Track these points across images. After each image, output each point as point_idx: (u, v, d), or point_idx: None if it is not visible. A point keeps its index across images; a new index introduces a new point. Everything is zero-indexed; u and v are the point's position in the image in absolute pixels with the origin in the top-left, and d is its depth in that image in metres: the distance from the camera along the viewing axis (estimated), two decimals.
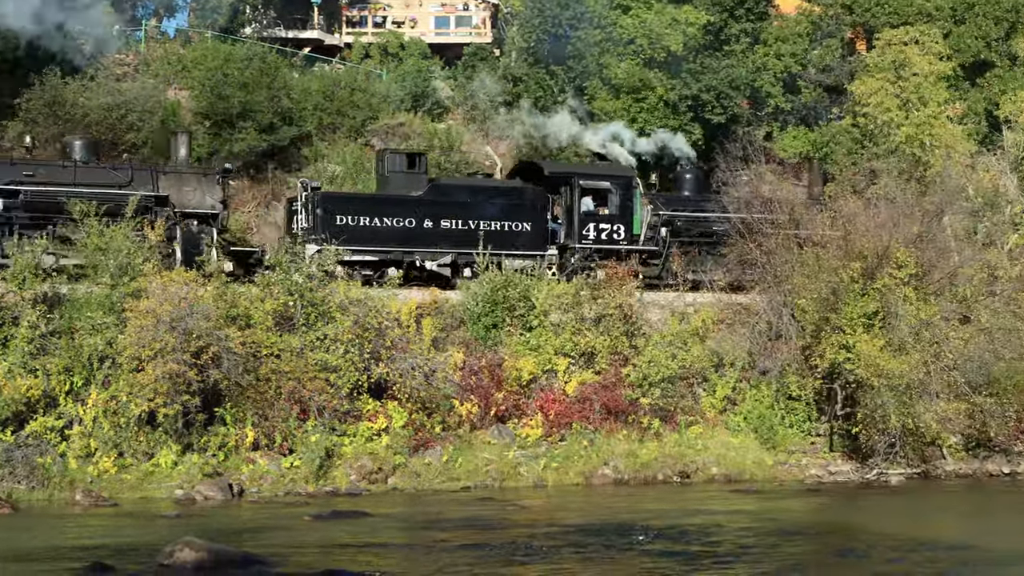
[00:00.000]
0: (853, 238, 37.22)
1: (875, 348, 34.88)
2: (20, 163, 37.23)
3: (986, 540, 25.43)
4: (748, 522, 27.80)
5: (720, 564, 22.20)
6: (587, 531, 25.63)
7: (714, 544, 24.39)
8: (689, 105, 47.49)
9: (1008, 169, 42.48)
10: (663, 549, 23.64)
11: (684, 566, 21.89)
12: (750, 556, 23.11)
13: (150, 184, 37.39)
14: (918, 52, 43.07)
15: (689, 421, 36.31)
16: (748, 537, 25.51)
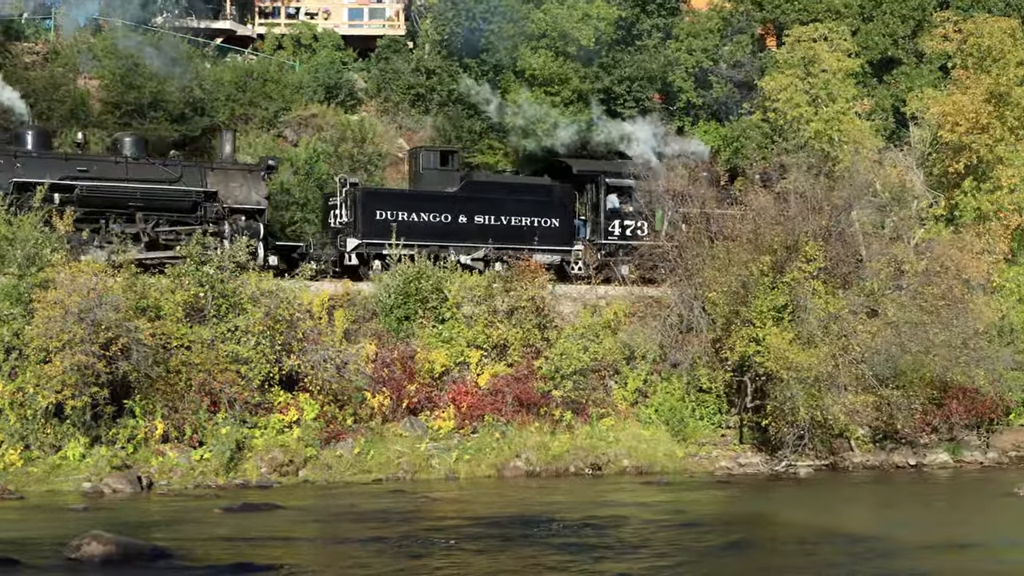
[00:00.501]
0: (763, 232, 37.56)
1: (784, 341, 35.22)
2: (74, 159, 37.65)
3: (891, 531, 25.75)
4: (657, 514, 27.98)
5: (626, 555, 22.31)
6: (498, 523, 25.64)
7: (622, 536, 24.52)
8: (601, 99, 47.66)
9: (914, 165, 42.98)
10: (571, 541, 23.71)
11: (591, 558, 21.98)
12: (656, 548, 23.25)
13: (199, 180, 38.59)
14: (827, 49, 43.48)
15: (601, 413, 36.47)
16: (656, 529, 25.68)
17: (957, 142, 41.69)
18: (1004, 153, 41.81)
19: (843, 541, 24.35)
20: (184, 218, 38.09)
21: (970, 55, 43.59)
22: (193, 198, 37.96)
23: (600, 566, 21.19)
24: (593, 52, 47.52)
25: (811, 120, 42.30)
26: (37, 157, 37.08)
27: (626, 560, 21.81)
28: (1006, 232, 41.87)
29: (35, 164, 36.62)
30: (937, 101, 42.95)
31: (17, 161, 36.62)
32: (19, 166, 36.43)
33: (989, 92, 41.85)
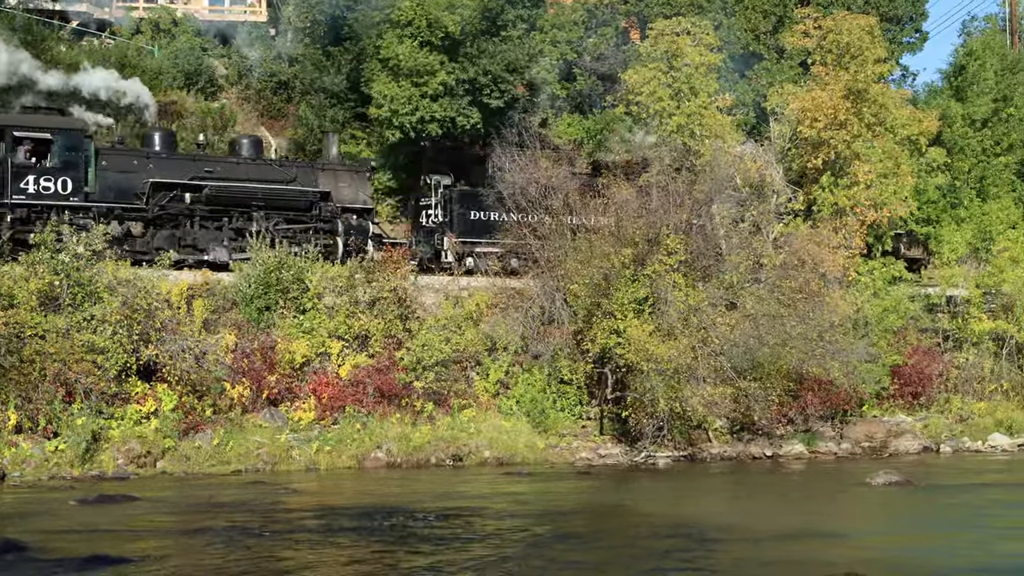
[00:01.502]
0: (625, 225, 37.81)
1: (644, 333, 35.50)
2: (200, 159, 39.92)
3: (747, 521, 26.08)
4: (516, 505, 28.04)
5: (479, 546, 22.34)
6: (356, 515, 25.54)
7: (478, 527, 24.52)
8: (467, 89, 47.63)
9: (774, 160, 43.53)
10: (427, 532, 23.70)
11: (445, 548, 21.97)
12: (510, 538, 23.29)
13: (312, 180, 40.94)
14: (690, 43, 43.84)
15: (462, 404, 36.50)
16: (512, 520, 25.71)
17: (816, 138, 42.30)
18: (861, 149, 42.50)
19: (699, 531, 24.57)
20: (300, 217, 40.48)
21: (829, 52, 44.23)
22: (309, 198, 40.40)
23: (451, 556, 21.19)
24: (459, 41, 47.43)
25: (673, 114, 42.64)
26: (167, 158, 39.24)
27: (478, 550, 21.85)
28: (862, 227, 42.58)
29: (167, 165, 38.92)
30: (797, 97, 43.53)
31: (150, 162, 38.73)
32: (152, 167, 38.57)
33: (847, 89, 42.51)
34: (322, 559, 20.82)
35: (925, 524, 26.13)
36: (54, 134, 37.38)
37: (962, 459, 38.99)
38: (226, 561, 20.48)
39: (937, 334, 44.70)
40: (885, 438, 39.87)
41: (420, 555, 21.27)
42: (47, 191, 36.99)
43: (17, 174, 36.80)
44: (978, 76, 57.95)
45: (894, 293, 42.93)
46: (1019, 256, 45.03)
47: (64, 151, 37.38)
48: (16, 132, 37.23)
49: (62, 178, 37.19)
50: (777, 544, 23.26)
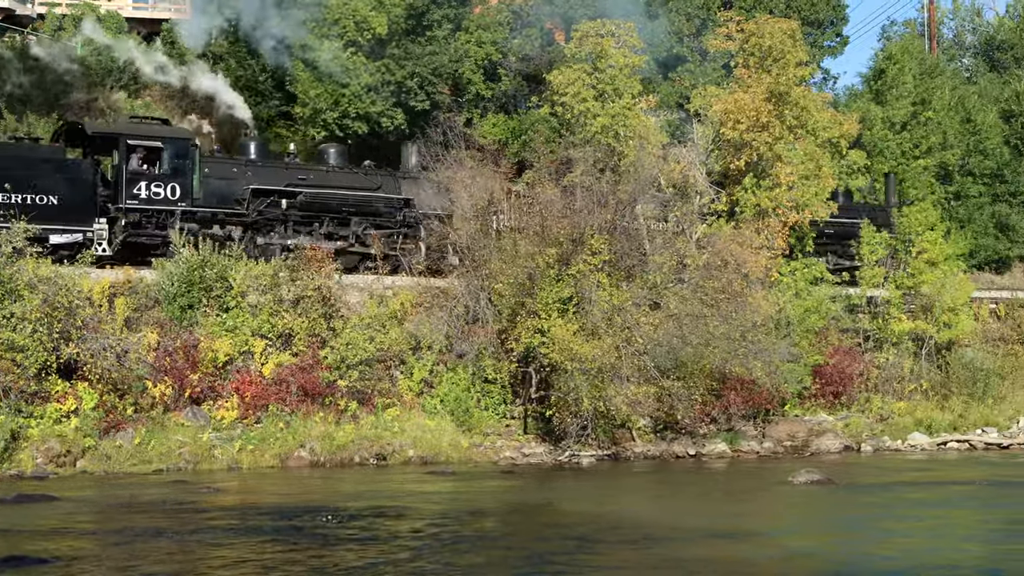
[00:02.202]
0: (549, 225, 37.91)
1: (569, 333, 35.61)
2: (294, 167, 41.71)
3: (669, 519, 26.26)
4: (440, 504, 28.11)
5: (398, 545, 22.38)
6: (277, 514, 25.46)
7: (401, 526, 24.54)
8: (392, 91, 47.54)
9: (697, 161, 43.77)
10: (349, 532, 23.67)
11: (368, 547, 21.97)
12: (429, 537, 23.35)
13: (395, 188, 42.69)
14: (614, 45, 44.01)
15: (386, 403, 36.45)
16: (434, 519, 25.74)
17: (738, 139, 42.57)
18: (783, 151, 42.81)
19: (621, 530, 24.72)
20: (386, 222, 42.26)
21: (751, 55, 44.51)
22: (394, 204, 42.27)
23: (372, 555, 21.20)
24: (385, 41, 47.32)
25: (598, 115, 42.77)
26: (262, 166, 41.04)
27: (398, 549, 21.89)
28: (784, 228, 42.90)
29: (264, 172, 40.79)
30: (720, 99, 43.79)
31: (248, 169, 40.53)
32: (250, 174, 40.40)
33: (769, 91, 42.81)
34: (242, 559, 20.74)
35: (844, 523, 26.40)
36: (164, 143, 39.30)
37: (882, 458, 39.44)
38: (146, 561, 20.36)
39: (858, 334, 45.15)
40: (807, 437, 40.22)
41: (340, 555, 21.26)
42: (157, 196, 38.87)
43: (130, 180, 38.64)
44: (897, 80, 58.57)
45: (816, 293, 43.30)
46: (937, 258, 45.58)
47: (173, 159, 39.32)
48: (130, 141, 39.03)
49: (171, 184, 39.08)
50: (698, 543, 23.41)
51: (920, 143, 57.05)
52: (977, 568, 21.13)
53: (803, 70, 44.43)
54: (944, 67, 64.99)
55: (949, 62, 70.44)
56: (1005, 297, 50.07)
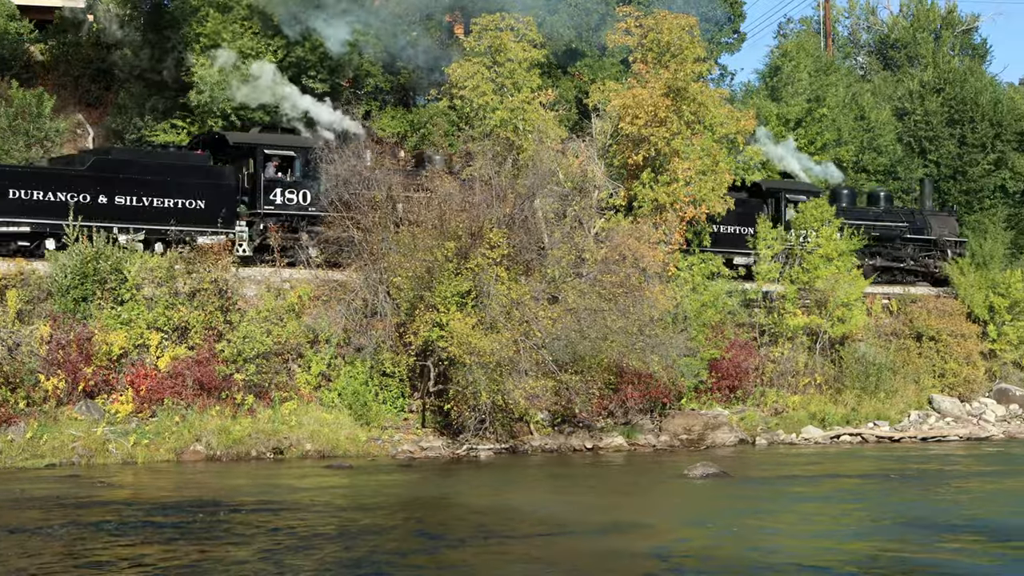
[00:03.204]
0: (448, 218, 37.87)
1: (467, 326, 35.62)
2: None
3: (566, 513, 26.38)
4: (336, 498, 28.04)
5: (296, 540, 22.32)
6: (171, 509, 25.32)
7: (296, 520, 24.47)
8: (291, 76, 47.20)
9: (596, 156, 43.89)
10: (242, 527, 23.58)
11: (260, 542, 21.90)
12: (328, 531, 23.33)
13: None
14: (513, 39, 44.01)
15: (283, 397, 36.23)
16: (333, 513, 25.74)
17: (636, 134, 42.75)
18: (680, 146, 43.07)
19: (518, 523, 24.80)
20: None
21: (650, 50, 44.75)
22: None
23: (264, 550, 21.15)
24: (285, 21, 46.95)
25: (496, 109, 42.76)
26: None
27: (292, 543, 21.86)
28: (681, 223, 43.18)
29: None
30: (618, 94, 43.96)
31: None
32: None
33: (667, 87, 43.05)
34: (135, 554, 20.62)
35: (739, 515, 26.67)
36: (296, 152, 42.55)
37: (777, 451, 39.90)
38: (37, 558, 20.11)
39: (754, 329, 45.61)
40: (703, 431, 40.52)
41: (228, 549, 21.20)
42: (291, 202, 41.94)
43: (267, 187, 41.73)
44: (792, 77, 59.28)
45: (712, 288, 43.66)
46: (831, 253, 46.15)
47: (304, 167, 42.31)
48: (267, 150, 42.31)
49: (303, 191, 42.07)
50: (595, 536, 23.56)
51: (815, 140, 57.76)
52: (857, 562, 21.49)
53: (701, 66, 44.74)
54: (839, 65, 65.88)
55: (844, 60, 71.43)
56: (897, 293, 50.83)
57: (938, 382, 47.59)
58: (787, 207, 50.81)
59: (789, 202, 51.04)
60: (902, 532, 24.36)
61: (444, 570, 20.32)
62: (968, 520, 25.86)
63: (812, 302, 45.70)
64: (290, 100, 46.25)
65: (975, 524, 25.29)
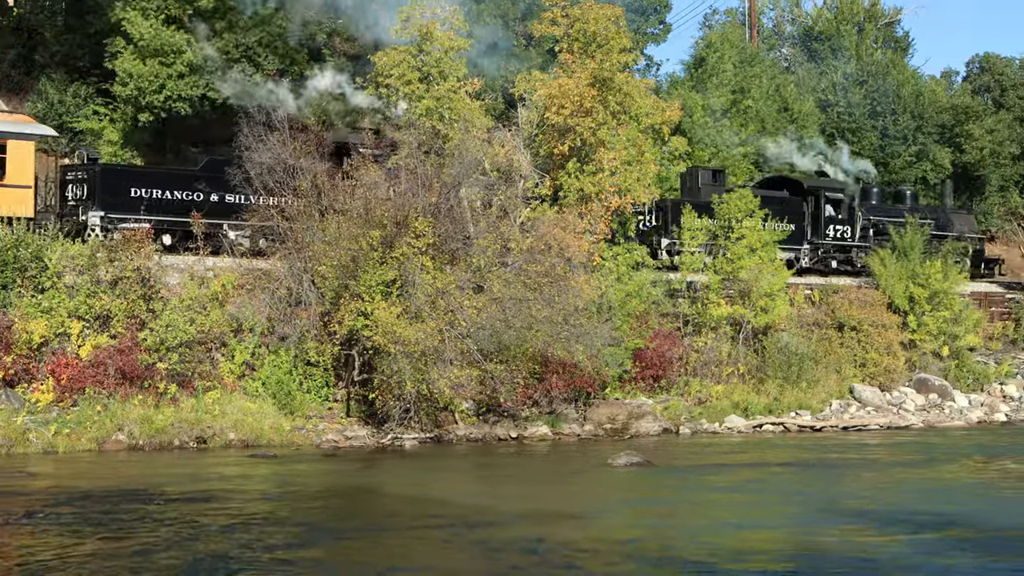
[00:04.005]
0: (373, 207, 37.78)
1: (392, 316, 35.56)
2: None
3: (490, 502, 26.45)
4: (259, 487, 27.98)
5: (215, 530, 22.24)
6: (91, 499, 25.12)
7: (217, 510, 24.39)
8: (218, 65, 46.81)
9: (522, 145, 43.95)
10: (161, 517, 23.45)
11: (177, 532, 21.81)
12: (250, 521, 23.26)
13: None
14: (440, 28, 43.94)
15: (207, 386, 36.00)
16: (255, 502, 25.68)
17: (562, 124, 42.84)
18: (606, 136, 43.21)
19: (441, 512, 24.83)
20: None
21: (576, 40, 44.86)
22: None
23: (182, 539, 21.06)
24: (208, 16, 46.57)
25: (423, 97, 42.71)
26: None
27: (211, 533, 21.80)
28: (607, 213, 43.32)
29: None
30: (544, 84, 44.04)
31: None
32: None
33: (593, 77, 43.17)
34: (52, 545, 20.43)
35: (661, 504, 26.87)
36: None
37: (700, 441, 40.14)
38: None
39: (678, 319, 45.84)
40: (627, 420, 40.67)
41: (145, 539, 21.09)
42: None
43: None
44: (717, 68, 59.64)
45: (637, 278, 43.84)
46: (755, 244, 46.47)
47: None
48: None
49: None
50: (519, 525, 23.63)
51: (739, 131, 58.15)
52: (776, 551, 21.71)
53: (627, 56, 44.89)
54: (763, 56, 66.32)
55: (768, 51, 71.88)
56: (820, 283, 51.29)
57: (859, 372, 48.04)
58: (826, 204, 54.60)
59: (828, 200, 54.79)
60: (822, 521, 24.61)
61: (366, 558, 20.31)
62: (885, 508, 26.18)
63: (736, 292, 45.99)
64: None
65: (892, 513, 25.60)
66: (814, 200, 54.40)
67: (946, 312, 50.39)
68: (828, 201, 54.64)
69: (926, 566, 20.26)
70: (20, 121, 39.96)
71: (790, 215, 52.50)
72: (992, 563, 20.57)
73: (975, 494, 29.17)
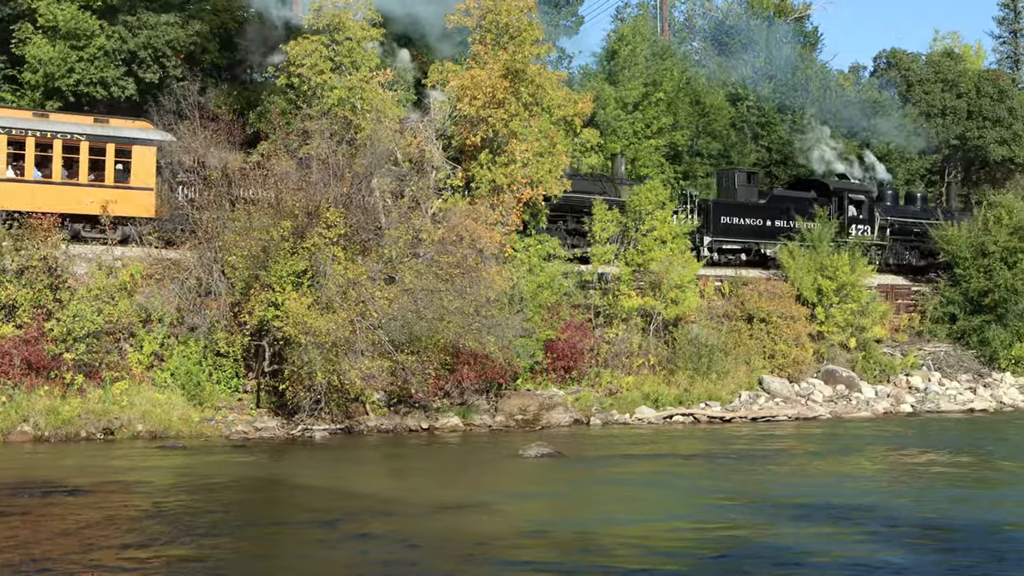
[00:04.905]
0: (284, 197, 37.59)
1: (303, 306, 35.43)
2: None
3: (401, 493, 26.44)
4: (166, 478, 27.82)
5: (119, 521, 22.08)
6: None
7: (122, 502, 24.23)
8: (124, 59, 46.38)
9: (434, 136, 43.90)
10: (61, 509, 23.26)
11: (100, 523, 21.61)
12: (154, 512, 23.14)
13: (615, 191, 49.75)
14: (351, 17, 43.79)
15: (115, 377, 35.67)
16: (160, 494, 25.52)
17: (475, 115, 42.86)
18: (518, 128, 43.27)
19: (350, 504, 24.82)
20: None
21: (489, 32, 44.86)
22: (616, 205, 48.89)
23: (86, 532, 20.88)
24: (117, 8, 46.10)
25: (334, 87, 42.54)
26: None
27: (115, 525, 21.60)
28: (518, 205, 43.40)
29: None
30: (457, 75, 44.02)
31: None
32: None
33: (506, 68, 43.21)
34: None
35: (571, 495, 26.98)
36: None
37: (611, 431, 40.29)
38: None
39: (589, 310, 45.99)
40: (538, 411, 40.75)
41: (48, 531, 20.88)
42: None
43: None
44: (629, 61, 59.85)
45: (548, 270, 43.95)
46: (666, 236, 46.74)
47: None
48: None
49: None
50: (429, 516, 23.66)
51: (651, 123, 58.44)
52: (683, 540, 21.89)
53: (539, 48, 45.00)
54: (675, 50, 66.64)
55: (680, 45, 72.24)
56: (729, 275, 51.69)
57: (768, 363, 48.49)
58: (849, 205, 57.62)
59: (851, 201, 57.89)
60: (729, 511, 24.82)
61: (265, 551, 20.25)
62: (792, 498, 26.45)
63: (647, 284, 46.20)
64: None
65: (800, 503, 25.87)
66: (838, 200, 57.36)
67: (853, 304, 51.00)
68: (851, 202, 57.87)
69: (831, 555, 20.48)
70: (143, 128, 40.78)
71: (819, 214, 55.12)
72: (897, 554, 20.86)
73: (879, 484, 29.53)
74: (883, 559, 20.20)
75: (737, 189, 55.27)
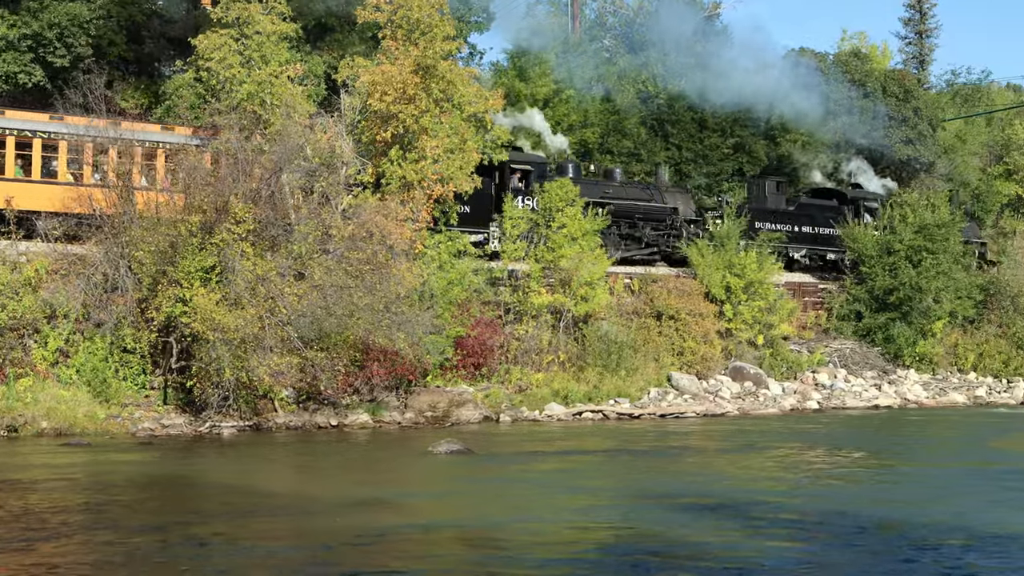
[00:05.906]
0: (193, 192, 37.31)
1: (211, 302, 35.21)
2: (600, 183, 53.07)
3: (309, 489, 26.36)
4: (70, 477, 27.53)
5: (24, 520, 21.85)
6: None
7: (25, 500, 23.96)
8: (30, 45, 45.79)
9: (344, 132, 43.73)
10: None
11: None
12: (58, 511, 22.90)
13: (662, 198, 54.52)
14: (262, 11, 43.50)
15: (18, 373, 35.26)
16: (64, 492, 25.27)
17: (385, 111, 42.72)
18: (429, 124, 43.19)
19: (257, 501, 24.74)
20: (660, 225, 53.84)
21: (400, 27, 44.72)
22: (668, 212, 54.24)
23: None
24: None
25: (244, 82, 42.25)
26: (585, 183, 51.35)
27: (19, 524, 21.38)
28: (429, 201, 43.36)
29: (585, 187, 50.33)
30: (368, 70, 43.87)
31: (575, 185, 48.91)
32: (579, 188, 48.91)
33: (416, 64, 43.11)
34: None
35: (481, 491, 27.02)
36: (533, 166, 50.69)
37: (521, 428, 40.40)
38: None
39: (499, 307, 46.05)
40: (448, 408, 40.77)
41: None
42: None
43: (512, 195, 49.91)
44: (540, 57, 59.95)
45: (459, 266, 43.96)
46: (576, 233, 46.90)
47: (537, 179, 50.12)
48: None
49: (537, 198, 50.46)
50: (338, 513, 23.59)
51: (562, 120, 58.58)
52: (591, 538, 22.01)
53: (450, 44, 44.88)
54: (586, 47, 66.84)
55: (591, 42, 72.42)
56: (639, 272, 51.96)
57: (677, 360, 48.83)
58: (864, 212, 61.06)
59: (866, 208, 61.50)
60: (638, 509, 24.96)
61: (177, 550, 20.08)
62: (700, 495, 26.65)
63: (557, 281, 46.35)
64: None
65: (708, 500, 26.07)
66: (854, 208, 61.07)
67: (761, 302, 51.52)
68: (866, 209, 61.44)
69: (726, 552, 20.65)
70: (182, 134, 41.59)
71: (839, 221, 59.56)
72: (799, 548, 21.09)
73: (783, 481, 29.81)
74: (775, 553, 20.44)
75: (767, 196, 58.90)
